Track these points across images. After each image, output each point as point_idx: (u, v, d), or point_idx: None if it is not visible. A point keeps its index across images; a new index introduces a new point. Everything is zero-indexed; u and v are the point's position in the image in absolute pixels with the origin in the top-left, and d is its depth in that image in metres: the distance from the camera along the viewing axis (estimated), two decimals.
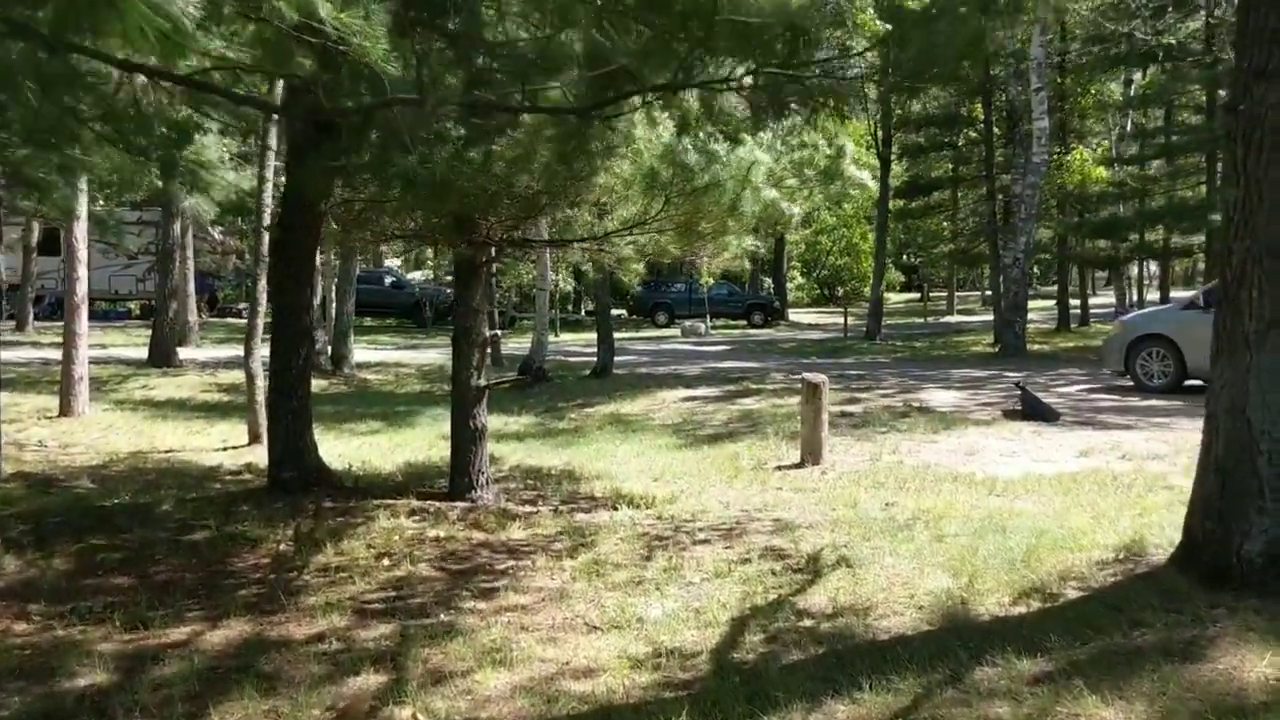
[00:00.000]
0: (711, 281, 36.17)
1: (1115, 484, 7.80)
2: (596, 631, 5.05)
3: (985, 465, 8.70)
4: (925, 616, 4.94)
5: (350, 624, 5.30)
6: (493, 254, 7.63)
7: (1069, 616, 4.73)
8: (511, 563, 6.28)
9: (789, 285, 55.12)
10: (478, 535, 6.90)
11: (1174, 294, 27.16)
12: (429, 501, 7.67)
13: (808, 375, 9.06)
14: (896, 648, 4.52)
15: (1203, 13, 22.44)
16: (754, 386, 14.66)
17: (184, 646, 4.94)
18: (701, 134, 6.89)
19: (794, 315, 44.38)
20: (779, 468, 8.90)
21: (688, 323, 33.30)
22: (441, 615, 5.34)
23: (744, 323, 37.57)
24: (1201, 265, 30.60)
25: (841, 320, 30.30)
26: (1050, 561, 5.59)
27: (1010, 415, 11.33)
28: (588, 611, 5.31)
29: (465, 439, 7.69)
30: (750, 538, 6.63)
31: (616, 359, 19.39)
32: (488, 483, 7.84)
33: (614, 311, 43.34)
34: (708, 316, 34.76)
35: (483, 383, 7.65)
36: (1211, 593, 4.76)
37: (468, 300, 7.46)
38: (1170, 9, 22.32)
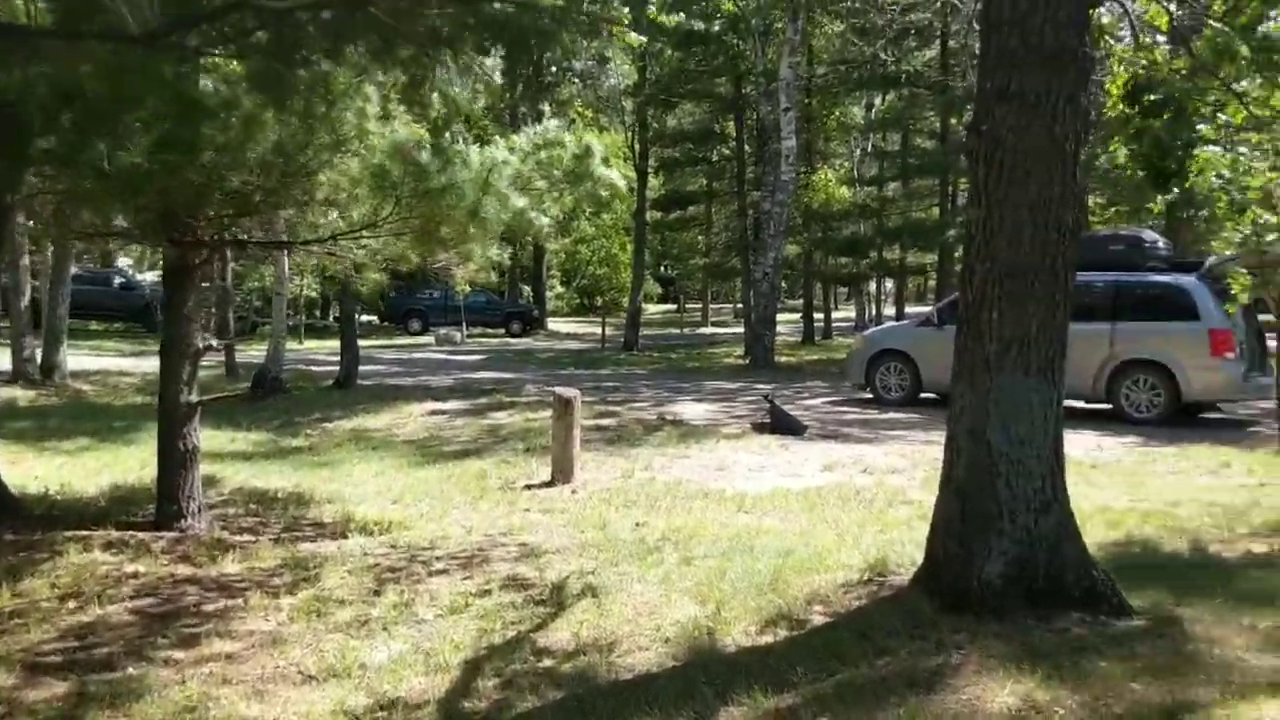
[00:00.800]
0: (468, 289, 35.41)
1: (858, 499, 7.86)
2: (312, 682, 4.47)
3: (735, 481, 8.62)
4: (672, 651, 4.65)
5: (17, 683, 4.51)
6: (205, 255, 6.82)
7: (815, 645, 4.55)
8: (222, 602, 5.57)
9: (549, 294, 55.02)
10: (184, 570, 6.12)
11: (910, 310, 28.79)
12: (131, 532, 6.78)
13: (559, 390, 8.71)
14: (640, 689, 4.20)
15: (938, 42, 23.88)
16: (507, 399, 14.22)
17: None
18: (450, 134, 6.42)
19: (553, 324, 44.19)
20: (529, 486, 8.50)
21: (442, 331, 32.43)
22: (130, 668, 4.62)
23: (502, 331, 37.04)
24: (933, 282, 32.56)
25: (600, 330, 30.33)
26: (797, 584, 5.45)
27: (759, 428, 11.41)
28: (304, 658, 4.72)
29: (174, 461, 6.86)
30: (492, 566, 6.19)
31: (363, 369, 18.49)
32: (200, 510, 7.02)
33: (364, 318, 41.87)
34: (464, 324, 34.00)
35: (194, 398, 6.83)
36: (954, 616, 4.70)
37: (178, 306, 6.64)
38: (910, 36, 23.62)
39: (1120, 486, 8.42)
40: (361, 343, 31.82)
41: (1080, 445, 10.60)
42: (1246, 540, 6.71)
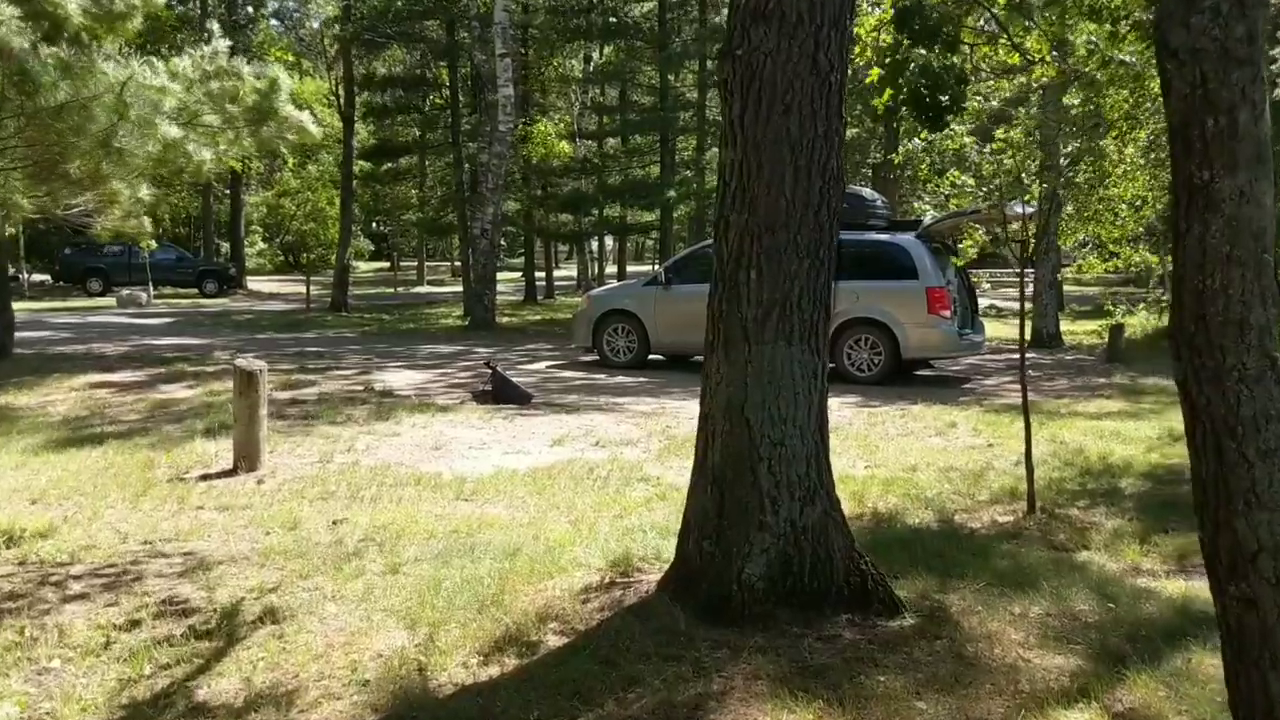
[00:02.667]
0: (153, 244, 32.06)
1: (591, 477, 7.12)
2: None
3: (453, 461, 7.66)
4: (372, 699, 3.68)
5: None
6: None
7: (553, 680, 3.72)
8: None
9: (249, 251, 51.29)
10: None
11: (632, 270, 28.57)
12: None
13: (241, 361, 7.37)
14: None
15: None
16: (189, 369, 12.50)
17: None
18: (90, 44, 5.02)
19: (254, 284, 41.17)
20: (205, 477, 7.16)
21: (125, 291, 29.15)
22: None
23: (196, 292, 33.96)
24: (651, 242, 32.55)
25: (305, 290, 28.23)
26: (527, 595, 4.60)
27: (480, 398, 10.48)
28: None
29: None
30: (147, 585, 4.95)
31: (25, 335, 16.06)
32: None
33: (36, 278, 37.22)
34: (150, 284, 30.78)
35: None
36: (713, 627, 4.01)
37: None
38: None
39: (855, 451, 8.15)
40: (31, 305, 28.28)
41: None
42: (988, 508, 6.52)
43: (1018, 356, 14.69)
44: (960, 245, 8.42)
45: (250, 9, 36.33)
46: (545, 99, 29.33)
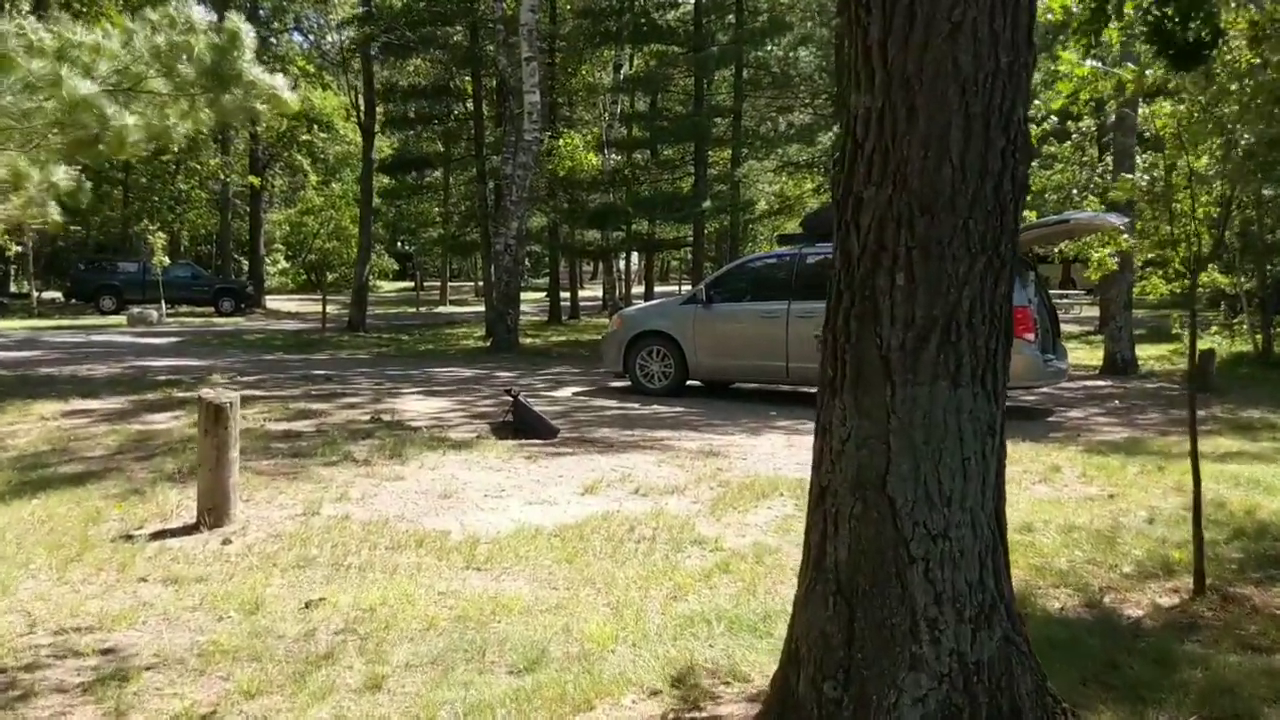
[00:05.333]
0: (166, 260, 31.07)
1: (633, 538, 5.75)
2: None
3: (466, 514, 6.30)
4: None
5: None
6: None
7: None
8: None
9: (270, 269, 50.43)
10: None
11: (660, 288, 27.21)
12: None
13: (207, 393, 6.04)
14: None
15: None
16: (179, 395, 11.22)
17: None
18: None
19: (273, 303, 40.17)
20: (160, 534, 5.83)
21: (136, 310, 28.06)
22: None
23: (212, 310, 32.94)
24: (675, 260, 31.11)
25: (321, 309, 27.03)
26: None
27: (501, 431, 9.14)
28: None
29: None
30: (34, 709, 3.61)
31: (16, 355, 14.96)
32: None
33: (47, 295, 36.31)
34: (163, 302, 29.76)
35: None
36: None
37: None
38: None
39: None
40: (36, 323, 27.21)
41: None
42: (1140, 585, 5.10)
43: (1093, 383, 13.19)
44: (1094, 255, 7.02)
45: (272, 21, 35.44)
46: (572, 111, 28.10)
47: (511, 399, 9.27)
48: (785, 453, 8.45)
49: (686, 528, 5.95)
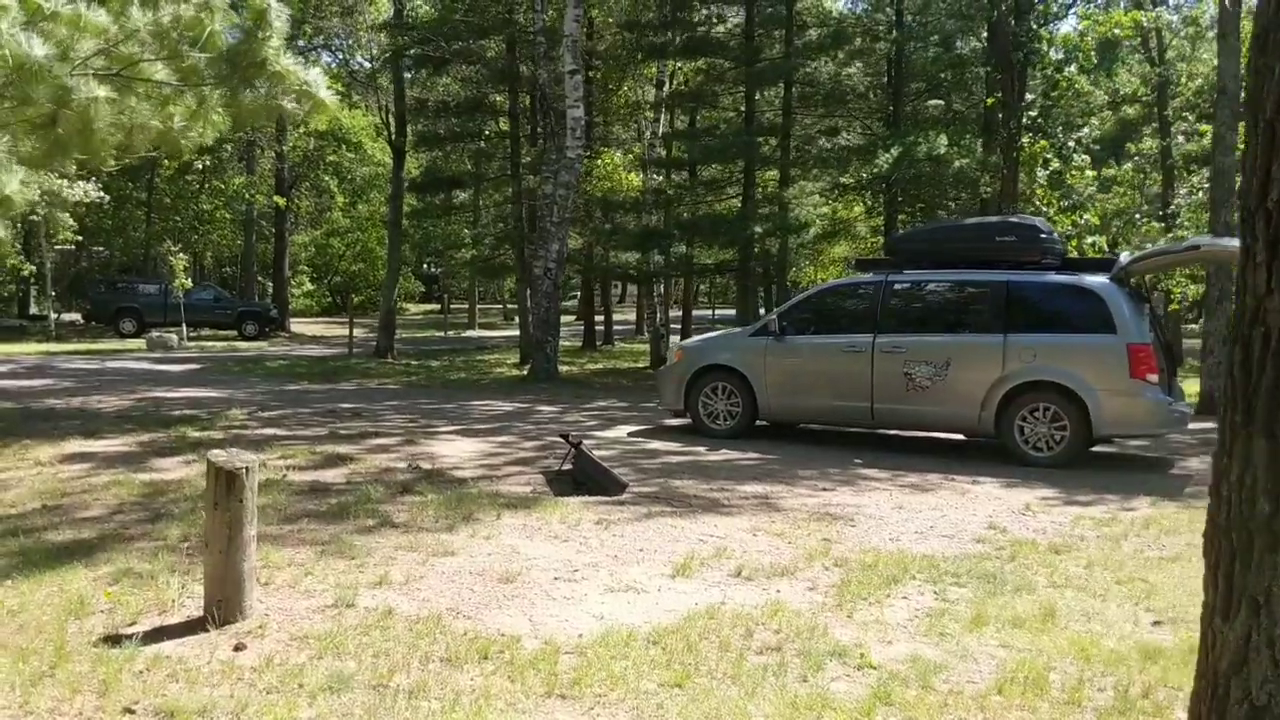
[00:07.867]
0: (188, 283, 30.15)
1: (753, 648, 4.51)
2: None
3: (535, 607, 5.07)
4: None
5: None
6: None
7: None
8: None
9: (296, 291, 49.62)
10: None
11: (698, 314, 25.92)
12: None
13: (217, 456, 4.82)
14: None
15: (741, 8, 21.05)
16: (193, 434, 10.08)
17: None
18: None
19: (298, 326, 39.29)
20: (156, 634, 4.62)
21: (155, 334, 27.09)
22: None
23: (235, 334, 32.02)
24: (705, 287, 29.68)
25: (348, 333, 25.98)
26: None
27: (558, 484, 7.93)
28: None
29: None
30: None
31: (22, 384, 13.96)
32: None
33: (67, 317, 35.44)
34: (184, 325, 28.81)
35: None
36: None
37: None
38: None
39: (1119, 590, 5.50)
40: (51, 347, 26.26)
41: (1001, 506, 7.71)
42: None
43: (1195, 426, 11.82)
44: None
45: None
46: (608, 130, 26.98)
47: (572, 447, 8.06)
48: (896, 517, 7.20)
49: (817, 631, 4.71)
